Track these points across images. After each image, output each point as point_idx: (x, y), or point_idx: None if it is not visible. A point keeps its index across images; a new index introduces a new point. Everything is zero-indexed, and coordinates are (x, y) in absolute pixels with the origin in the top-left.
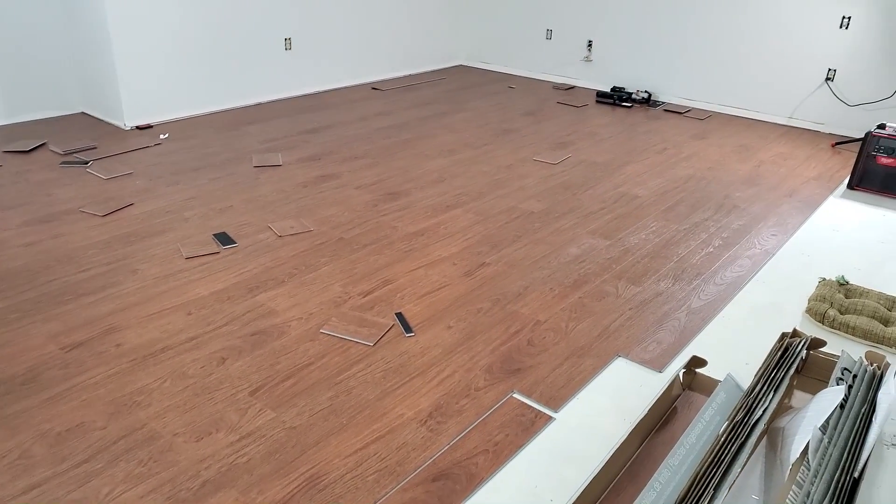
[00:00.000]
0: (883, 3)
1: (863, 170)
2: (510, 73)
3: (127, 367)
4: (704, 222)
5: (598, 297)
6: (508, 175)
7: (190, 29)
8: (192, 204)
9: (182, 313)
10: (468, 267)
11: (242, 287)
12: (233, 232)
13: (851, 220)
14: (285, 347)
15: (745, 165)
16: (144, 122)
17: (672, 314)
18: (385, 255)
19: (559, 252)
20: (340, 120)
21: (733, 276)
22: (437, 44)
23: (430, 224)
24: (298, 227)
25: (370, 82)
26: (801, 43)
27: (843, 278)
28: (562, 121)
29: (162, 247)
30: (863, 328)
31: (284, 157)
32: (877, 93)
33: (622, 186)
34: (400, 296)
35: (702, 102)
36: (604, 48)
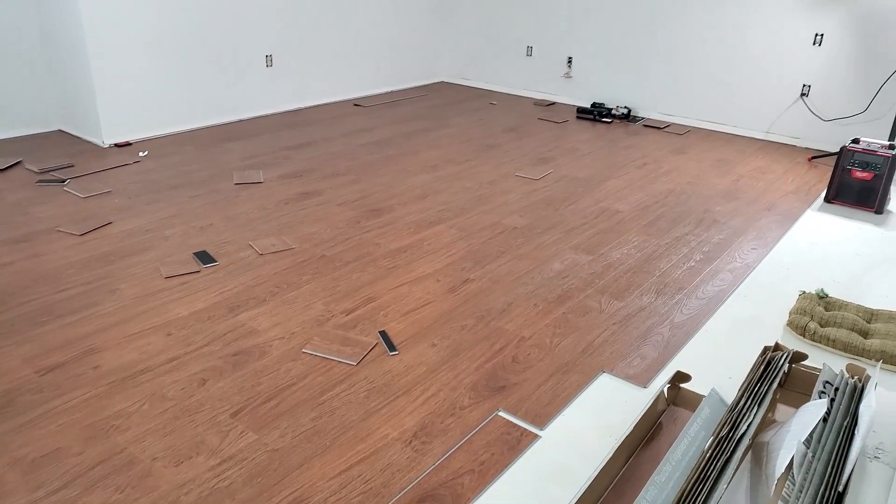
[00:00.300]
0: (853, 21)
1: (839, 183)
2: (492, 89)
3: (105, 389)
4: (685, 237)
5: (581, 313)
6: (491, 191)
7: (169, 45)
8: (172, 222)
9: (162, 334)
10: (452, 283)
11: (223, 306)
12: (213, 250)
13: (829, 233)
14: (267, 368)
15: (724, 180)
16: (123, 139)
17: (655, 329)
18: (368, 273)
19: (542, 267)
20: (322, 136)
21: (715, 290)
22: (418, 60)
23: (414, 240)
24: (280, 245)
25: (352, 98)
26: (777, 59)
27: (822, 291)
28: (543, 136)
29: (141, 266)
30: (843, 341)
31: (266, 174)
32: (850, 108)
33: (603, 201)
34: (383, 314)
35: (680, 118)
36: (583, 65)
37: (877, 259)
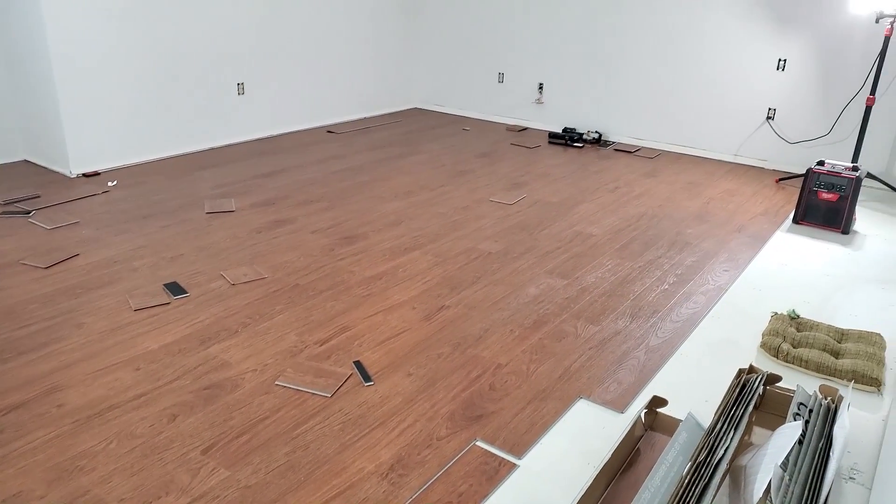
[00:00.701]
0: (814, 47)
1: (806, 205)
2: (464, 115)
3: (69, 429)
4: (658, 259)
5: (557, 338)
6: (465, 216)
7: (140, 74)
8: (142, 253)
9: (130, 369)
10: (427, 311)
11: (194, 339)
12: (184, 281)
13: (798, 253)
14: (239, 401)
15: (695, 202)
16: (91, 169)
17: (631, 353)
18: (342, 301)
19: (518, 293)
20: (295, 163)
21: (689, 312)
22: (391, 87)
23: (388, 267)
24: (252, 275)
25: (325, 125)
26: (742, 84)
27: (794, 312)
28: (516, 162)
29: (109, 299)
30: (815, 361)
31: (238, 203)
32: (814, 130)
33: (577, 225)
34: (358, 343)
35: (650, 141)
36: (554, 91)
37: (845, 279)
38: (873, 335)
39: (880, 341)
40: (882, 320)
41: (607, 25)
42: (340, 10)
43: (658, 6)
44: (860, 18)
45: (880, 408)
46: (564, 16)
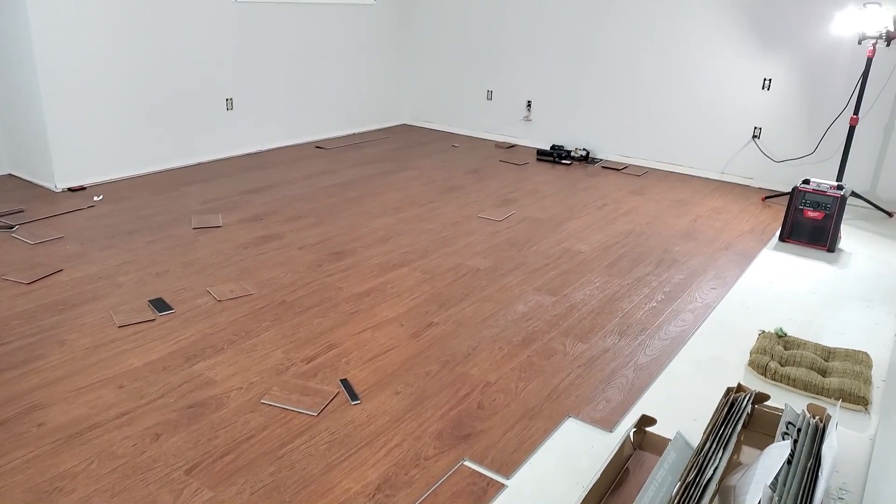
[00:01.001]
0: (798, 67)
1: (792, 223)
2: (453, 131)
3: (49, 448)
4: (646, 277)
5: (546, 356)
6: (454, 232)
7: (127, 88)
8: (127, 269)
9: (113, 386)
10: (416, 328)
11: (179, 356)
12: (169, 297)
13: (785, 271)
14: (224, 420)
15: (682, 220)
16: (77, 183)
17: (620, 371)
18: (329, 318)
19: (506, 309)
20: (283, 179)
21: (677, 330)
22: (380, 103)
23: (377, 284)
24: (239, 291)
25: (314, 141)
26: (729, 103)
27: (781, 330)
28: (505, 178)
29: (93, 315)
30: (803, 380)
31: (225, 218)
32: (800, 149)
33: (565, 242)
34: (345, 361)
35: (638, 159)
36: (542, 108)
37: (831, 297)
38: (860, 353)
39: (867, 360)
40: (868, 338)
41: (595, 44)
42: (330, 26)
43: (645, 26)
44: (843, 39)
45: (868, 427)
46: (552, 34)
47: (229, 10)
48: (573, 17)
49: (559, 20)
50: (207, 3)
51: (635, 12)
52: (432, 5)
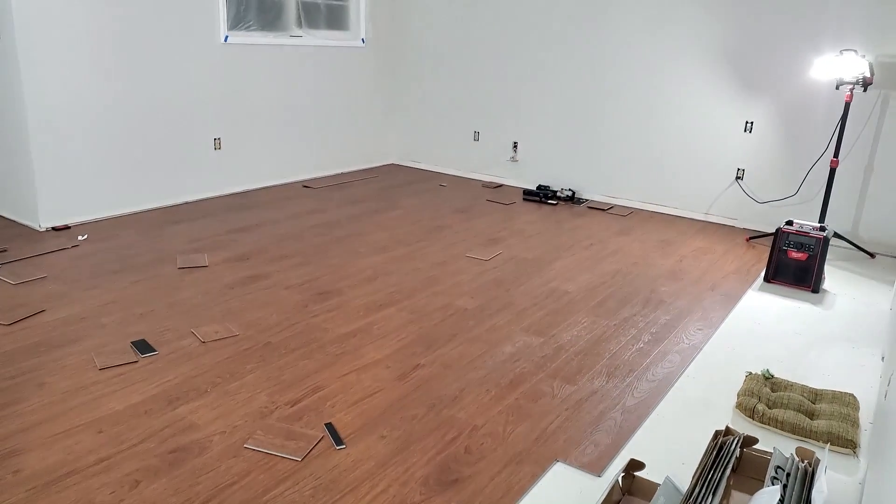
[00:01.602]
0: (779, 111)
1: (776, 264)
2: (441, 171)
3: (25, 496)
4: (633, 317)
5: (534, 398)
6: (442, 272)
7: (115, 127)
8: (110, 309)
9: (92, 431)
10: (402, 370)
11: (161, 399)
12: (153, 339)
13: (770, 312)
14: (206, 465)
15: (668, 260)
16: (62, 222)
17: (608, 413)
18: (315, 360)
19: (494, 350)
20: (270, 218)
21: (664, 371)
22: (368, 143)
23: (363, 324)
24: (224, 332)
25: (301, 180)
26: (712, 145)
27: (768, 371)
28: (492, 218)
29: (74, 357)
30: (791, 422)
31: (211, 258)
32: (782, 191)
33: (552, 282)
34: (330, 404)
35: (623, 199)
36: (529, 149)
37: (816, 337)
38: (846, 395)
39: (854, 402)
40: (854, 380)
41: (580, 87)
42: (318, 67)
43: (629, 70)
44: (822, 84)
45: (856, 471)
46: (538, 77)
47: (218, 51)
48: (558, 61)
49: (545, 63)
50: (196, 45)
51: (620, 57)
52: (420, 47)
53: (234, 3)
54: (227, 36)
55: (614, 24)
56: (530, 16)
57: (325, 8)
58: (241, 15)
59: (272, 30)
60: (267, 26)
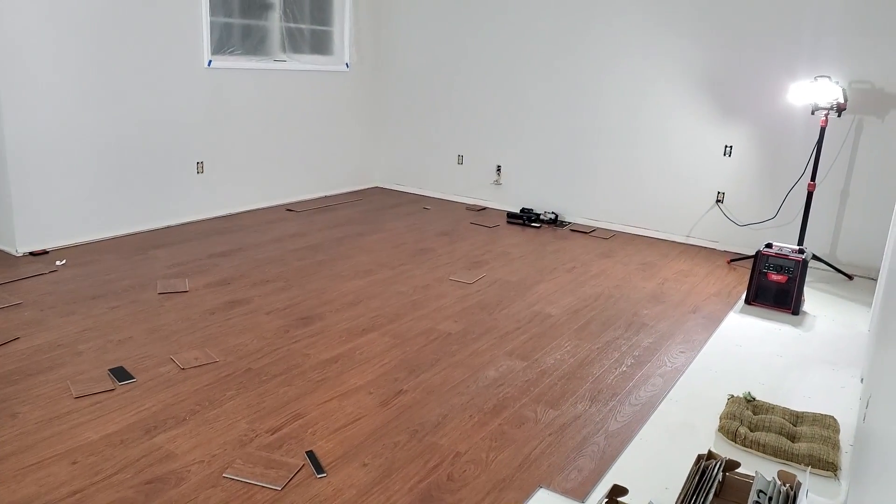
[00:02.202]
0: (757, 135)
1: (757, 286)
2: (425, 194)
3: None
4: (616, 341)
5: (517, 423)
6: (425, 295)
7: (95, 150)
8: (88, 336)
9: (66, 462)
10: (384, 396)
11: (138, 428)
12: (131, 366)
13: (751, 334)
14: (184, 496)
15: (650, 283)
16: (39, 247)
17: (591, 438)
18: (296, 387)
19: (477, 375)
20: (253, 242)
21: (647, 395)
22: (352, 166)
23: (345, 350)
24: (203, 358)
25: (285, 204)
26: (692, 168)
27: (749, 395)
28: (475, 241)
29: (48, 385)
30: (772, 445)
31: (192, 283)
32: (762, 213)
33: (536, 305)
34: (311, 431)
35: (606, 222)
36: (512, 172)
37: (797, 360)
38: (827, 418)
39: (834, 424)
40: (835, 402)
41: (562, 111)
42: (303, 92)
43: (611, 95)
44: (798, 109)
45: (837, 493)
46: (521, 101)
47: (201, 75)
48: (541, 86)
49: (528, 88)
50: (179, 69)
51: (602, 82)
52: (404, 71)
53: (218, 29)
54: (211, 61)
55: (597, 50)
56: (514, 41)
57: (309, 33)
58: (225, 40)
59: (256, 54)
60: (251, 51)
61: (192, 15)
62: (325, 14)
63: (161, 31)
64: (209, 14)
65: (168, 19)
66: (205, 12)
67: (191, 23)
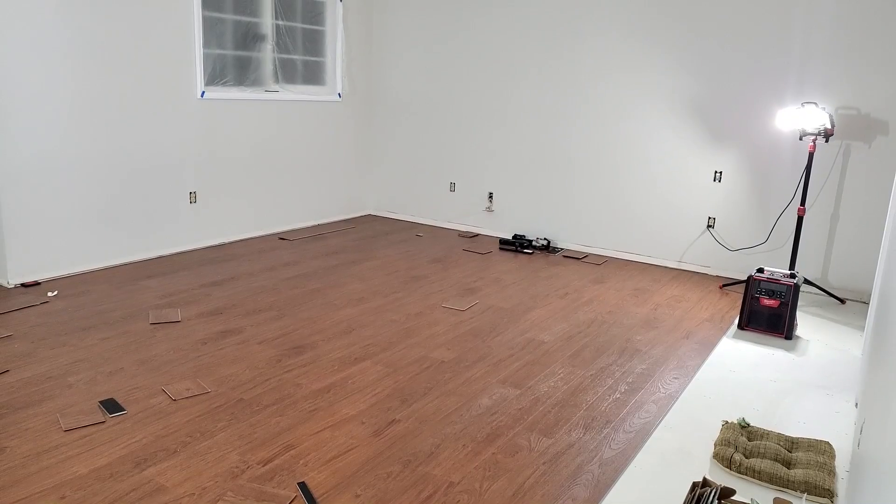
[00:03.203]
0: (747, 160)
1: (749, 311)
2: (417, 221)
3: None
4: (609, 367)
5: (511, 452)
6: (418, 323)
7: (88, 181)
8: (78, 367)
9: (54, 497)
10: (377, 425)
11: (129, 461)
12: (122, 397)
13: (745, 360)
14: None
15: (643, 308)
16: (31, 278)
17: (585, 466)
18: (288, 417)
19: (470, 404)
20: (246, 271)
21: (641, 422)
22: (345, 194)
23: (337, 379)
24: (195, 389)
25: (278, 232)
26: (683, 194)
27: (744, 420)
28: (468, 267)
29: (38, 419)
30: (768, 472)
31: (184, 313)
32: (752, 238)
33: (529, 332)
34: (303, 462)
35: (598, 248)
36: (504, 199)
37: (791, 385)
38: (822, 443)
39: (829, 450)
40: (829, 427)
41: (553, 138)
42: (295, 121)
43: (602, 122)
44: (786, 134)
45: None
46: (513, 128)
47: (194, 106)
48: (532, 113)
49: (519, 115)
50: (172, 100)
51: (593, 110)
52: (396, 100)
53: (211, 60)
54: (204, 92)
55: (586, 78)
56: (505, 70)
57: (301, 64)
58: (219, 71)
59: (249, 85)
60: (244, 82)
61: (185, 47)
62: (318, 45)
63: (154, 63)
64: (202, 46)
65: (161, 51)
66: (198, 44)
67: (184, 55)
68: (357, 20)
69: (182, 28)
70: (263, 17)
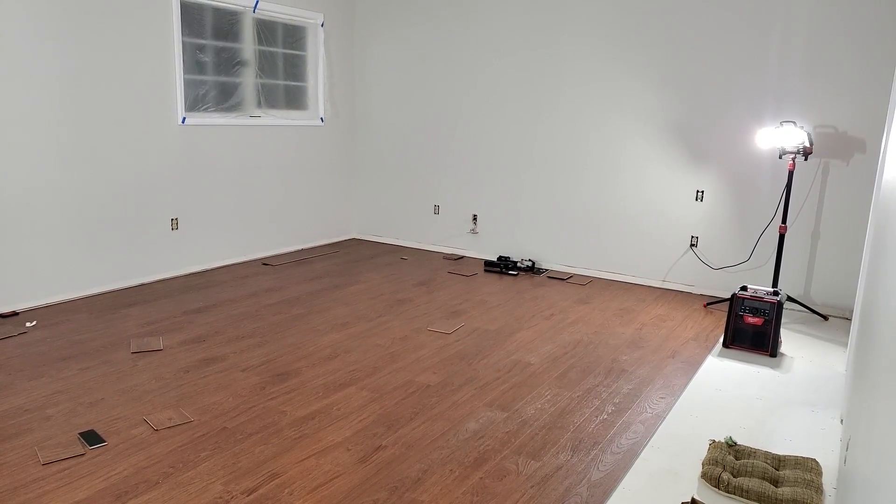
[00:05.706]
0: (727, 179)
1: (734, 329)
2: (402, 244)
3: None
4: (596, 388)
5: (499, 476)
6: (403, 347)
7: (68, 209)
8: (57, 399)
9: None
10: (363, 452)
11: (109, 494)
12: (102, 429)
13: (730, 378)
14: None
15: (628, 328)
16: (9, 308)
17: (573, 489)
18: (272, 445)
19: (457, 428)
20: (228, 298)
21: (629, 443)
22: (328, 218)
23: (322, 405)
24: (177, 418)
25: (261, 258)
26: (666, 213)
27: (731, 439)
28: (453, 290)
29: (14, 453)
30: (756, 491)
31: (166, 341)
32: (735, 257)
33: (515, 354)
34: (288, 491)
35: (582, 269)
36: (488, 221)
37: (776, 402)
38: (809, 461)
39: (816, 467)
40: (816, 444)
41: (536, 160)
42: (278, 146)
43: (584, 144)
44: (766, 153)
45: None
46: (496, 151)
47: (175, 132)
48: (515, 135)
49: (502, 137)
50: (153, 127)
51: (574, 131)
52: (379, 124)
53: (192, 86)
54: (185, 118)
55: (568, 99)
56: (486, 93)
57: (283, 89)
58: (200, 97)
59: (231, 111)
60: (225, 108)
61: (165, 73)
62: (300, 70)
63: (134, 89)
64: (182, 72)
65: (141, 77)
66: (178, 71)
67: (164, 81)
68: (338, 45)
69: (162, 54)
70: (245, 42)
